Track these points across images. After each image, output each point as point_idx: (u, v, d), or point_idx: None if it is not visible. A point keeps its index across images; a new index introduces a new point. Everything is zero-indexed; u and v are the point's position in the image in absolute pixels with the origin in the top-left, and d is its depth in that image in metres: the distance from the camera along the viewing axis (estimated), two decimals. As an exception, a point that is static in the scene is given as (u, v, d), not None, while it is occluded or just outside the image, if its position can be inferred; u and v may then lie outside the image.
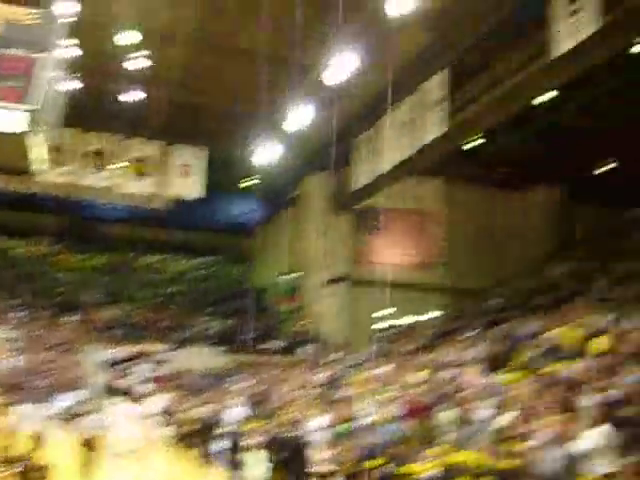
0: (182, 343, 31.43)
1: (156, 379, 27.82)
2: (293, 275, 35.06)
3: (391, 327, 29.05)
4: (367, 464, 8.03)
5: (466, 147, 22.97)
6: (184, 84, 24.51)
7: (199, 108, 26.02)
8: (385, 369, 19.64)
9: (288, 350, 30.97)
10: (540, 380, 13.21)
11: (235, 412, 19.13)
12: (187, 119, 26.70)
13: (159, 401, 22.22)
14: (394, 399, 15.40)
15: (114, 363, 29.36)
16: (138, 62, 22.74)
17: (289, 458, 11.03)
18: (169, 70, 23.46)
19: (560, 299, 20.47)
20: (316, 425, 14.80)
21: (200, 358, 30.22)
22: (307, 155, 29.76)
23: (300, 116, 25.06)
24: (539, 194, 30.58)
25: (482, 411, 12.60)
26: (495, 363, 15.50)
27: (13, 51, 12.07)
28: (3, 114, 11.47)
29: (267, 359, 29.83)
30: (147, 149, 26.93)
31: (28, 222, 37.39)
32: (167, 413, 22.12)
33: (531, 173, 28.06)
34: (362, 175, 24.92)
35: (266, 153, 28.13)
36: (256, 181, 34.18)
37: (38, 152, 13.50)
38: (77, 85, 22.74)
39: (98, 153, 25.94)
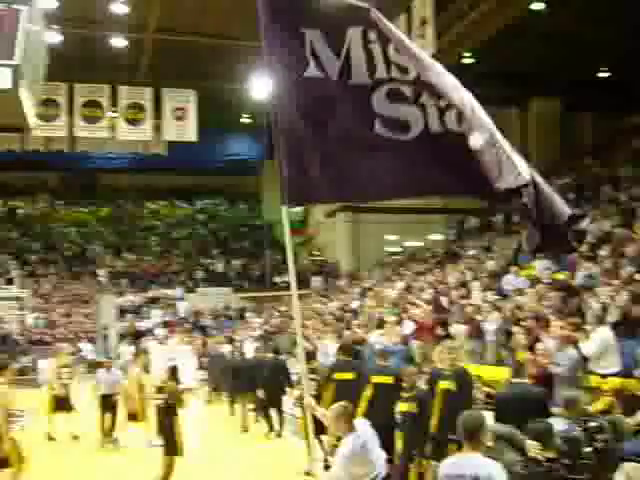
0: (191, 287, 31.68)
1: (170, 323, 28.15)
2: (300, 207, 35.02)
3: (396, 252, 29.22)
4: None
5: (459, 64, 22.54)
6: (168, 26, 24.00)
7: (186, 49, 25.55)
8: (392, 293, 19.86)
9: (299, 283, 31.09)
10: (547, 287, 13.37)
11: (250, 347, 19.44)
12: (174, 61, 26.28)
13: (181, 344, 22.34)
14: (403, 320, 15.65)
15: (128, 311, 29.72)
16: (120, 6, 22.23)
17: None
18: (150, 12, 22.88)
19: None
20: (329, 351, 15.05)
21: (211, 299, 30.54)
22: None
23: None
24: (538, 107, 30.12)
25: (489, 324, 12.82)
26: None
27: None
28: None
29: (279, 294, 30.12)
30: (138, 95, 26.55)
31: (29, 180, 37.36)
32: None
33: (528, 87, 27.53)
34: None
35: (262, 86, 27.67)
36: (254, 117, 33.82)
37: (28, 107, 13.42)
38: (60, 36, 22.40)
39: (88, 104, 25.61)
